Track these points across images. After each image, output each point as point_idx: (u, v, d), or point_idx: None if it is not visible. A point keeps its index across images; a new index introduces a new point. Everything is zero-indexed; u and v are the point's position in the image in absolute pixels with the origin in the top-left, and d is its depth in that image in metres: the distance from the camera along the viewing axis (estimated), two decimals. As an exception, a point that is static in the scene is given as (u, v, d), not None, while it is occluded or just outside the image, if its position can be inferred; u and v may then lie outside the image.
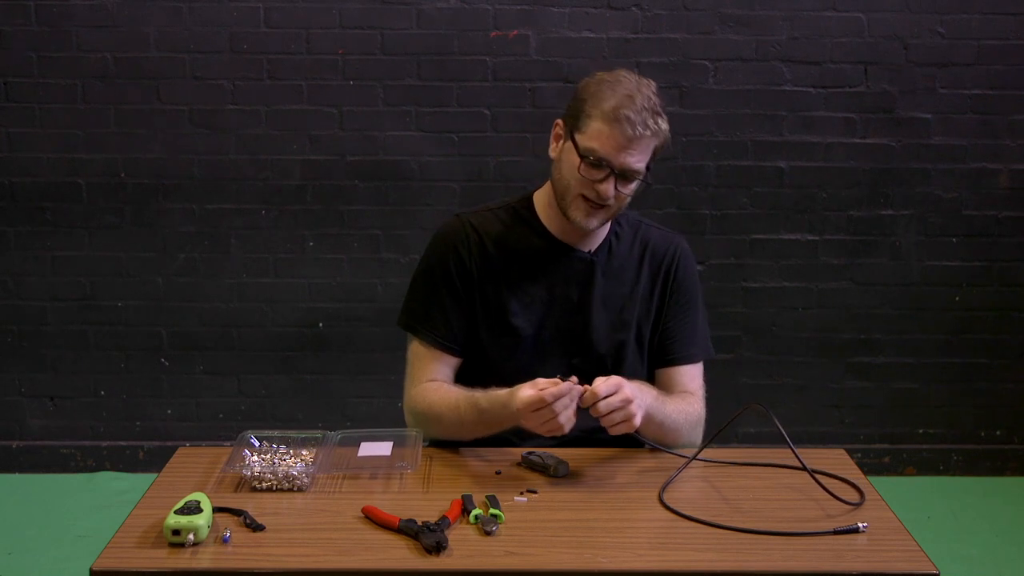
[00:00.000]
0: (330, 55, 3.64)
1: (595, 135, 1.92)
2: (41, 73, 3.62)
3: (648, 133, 1.91)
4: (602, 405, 1.79)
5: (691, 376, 2.13)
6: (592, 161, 1.92)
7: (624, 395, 1.80)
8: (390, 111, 3.67)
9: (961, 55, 3.69)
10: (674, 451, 1.95)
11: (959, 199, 3.78)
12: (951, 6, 3.65)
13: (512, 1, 3.61)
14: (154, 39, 3.61)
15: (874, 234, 3.79)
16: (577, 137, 1.94)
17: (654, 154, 1.97)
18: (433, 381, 2.05)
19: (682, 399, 2.06)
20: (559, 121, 2.02)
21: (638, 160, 1.93)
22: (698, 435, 2.06)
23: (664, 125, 1.94)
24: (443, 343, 2.06)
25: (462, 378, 2.08)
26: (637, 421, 1.82)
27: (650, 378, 2.14)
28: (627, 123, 1.89)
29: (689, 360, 2.13)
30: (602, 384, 1.80)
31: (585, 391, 1.80)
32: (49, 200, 3.70)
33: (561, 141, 2.01)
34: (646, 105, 1.91)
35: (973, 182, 3.77)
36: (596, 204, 1.95)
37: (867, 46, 3.67)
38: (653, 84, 1.96)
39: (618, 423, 1.81)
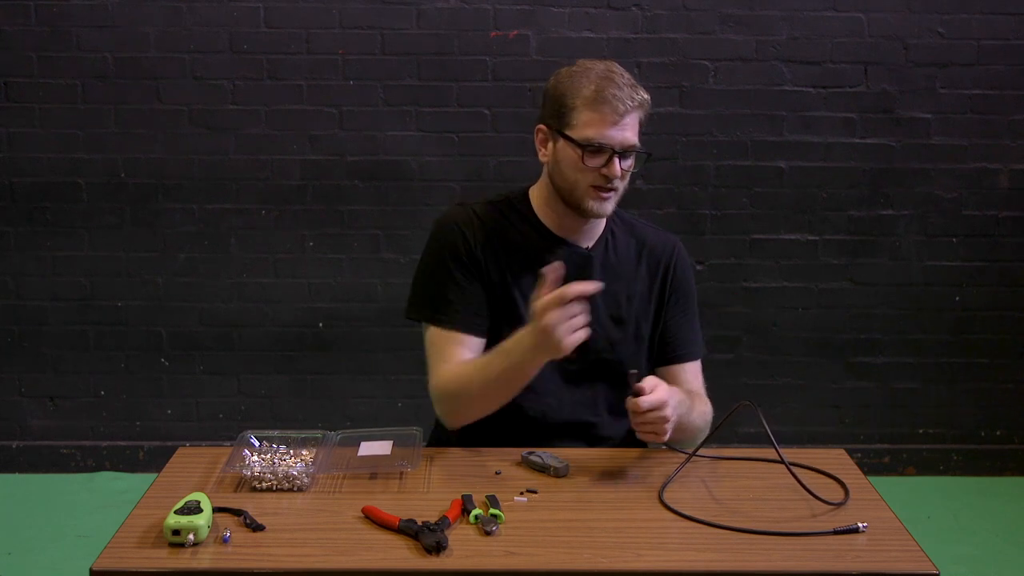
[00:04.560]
0: (330, 55, 3.64)
1: (587, 123, 1.93)
2: (41, 73, 3.62)
3: (635, 104, 1.94)
4: (638, 420, 1.81)
5: (694, 373, 2.14)
6: (593, 148, 1.93)
7: (663, 414, 1.80)
8: (390, 111, 3.68)
9: (961, 55, 3.69)
10: (674, 447, 1.95)
11: (959, 199, 3.78)
12: (951, 6, 3.65)
13: (512, 1, 3.61)
14: (154, 39, 3.61)
15: (874, 234, 3.79)
16: (569, 133, 1.95)
17: (641, 125, 1.99)
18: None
19: (701, 401, 2.07)
20: (541, 126, 2.03)
21: (632, 134, 1.95)
22: (706, 429, 2.06)
23: (645, 95, 1.97)
24: (464, 324, 2.02)
25: None
26: (665, 437, 1.84)
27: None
28: (615, 100, 1.92)
29: (691, 357, 2.14)
30: (648, 399, 1.79)
31: (633, 388, 1.81)
32: (49, 200, 3.70)
33: (550, 144, 2.01)
34: (624, 81, 1.94)
35: (973, 182, 3.77)
36: (607, 189, 1.97)
37: (867, 46, 3.67)
38: (616, 63, 2.00)
39: (647, 432, 1.84)
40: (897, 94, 3.71)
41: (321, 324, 3.80)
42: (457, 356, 2.00)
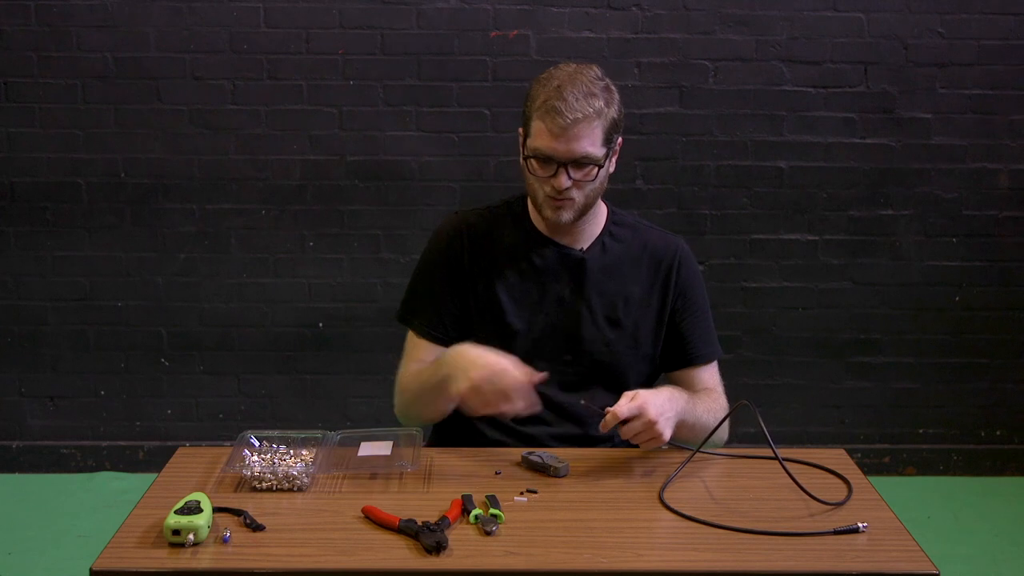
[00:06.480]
0: (330, 55, 3.64)
1: (537, 133, 1.93)
2: (41, 73, 3.62)
3: (581, 116, 1.88)
4: (625, 430, 1.81)
5: (710, 374, 2.14)
6: (538, 159, 1.94)
7: (647, 419, 1.80)
8: (390, 111, 3.67)
9: (961, 55, 3.69)
10: (679, 443, 1.95)
11: (959, 199, 3.78)
12: (951, 6, 3.65)
13: (512, 1, 3.61)
14: (154, 39, 3.61)
15: (874, 234, 3.79)
16: (528, 141, 1.96)
17: (607, 135, 1.94)
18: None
19: (709, 398, 2.07)
20: (520, 130, 2.03)
21: (584, 145, 1.90)
22: (726, 430, 2.04)
23: (600, 104, 1.91)
24: (433, 333, 2.08)
25: None
26: (665, 438, 1.83)
27: (658, 377, 2.15)
28: (557, 113, 1.88)
29: (707, 359, 2.14)
30: (623, 408, 1.80)
31: (606, 414, 1.82)
32: (49, 200, 3.70)
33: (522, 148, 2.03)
34: (579, 91, 1.89)
35: (973, 182, 3.77)
36: (560, 199, 1.95)
37: (867, 46, 3.67)
38: (594, 67, 1.96)
39: (646, 442, 1.83)
40: (897, 94, 3.71)
41: (321, 324, 3.80)
42: (420, 359, 2.08)
